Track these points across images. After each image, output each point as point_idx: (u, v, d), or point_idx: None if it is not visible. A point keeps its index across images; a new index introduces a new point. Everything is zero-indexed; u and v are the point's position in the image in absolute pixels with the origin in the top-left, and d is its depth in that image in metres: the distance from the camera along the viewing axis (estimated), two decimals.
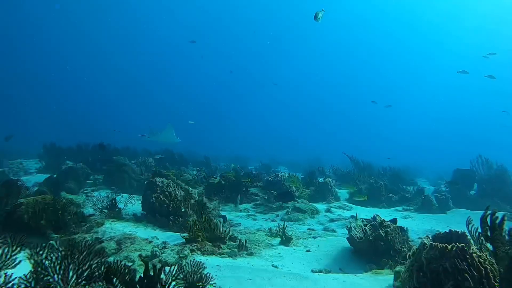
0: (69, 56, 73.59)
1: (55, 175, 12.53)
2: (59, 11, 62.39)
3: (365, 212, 10.51)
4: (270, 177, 11.16)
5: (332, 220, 8.90)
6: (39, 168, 17.02)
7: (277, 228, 6.96)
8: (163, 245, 5.74)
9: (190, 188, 8.39)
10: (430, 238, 3.94)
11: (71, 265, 3.32)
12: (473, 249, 3.25)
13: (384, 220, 6.39)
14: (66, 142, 21.66)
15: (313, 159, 30.87)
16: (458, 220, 9.48)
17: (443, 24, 70.21)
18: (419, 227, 8.89)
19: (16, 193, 7.59)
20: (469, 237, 4.02)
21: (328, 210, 9.95)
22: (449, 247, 3.29)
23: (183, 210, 7.29)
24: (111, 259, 5.23)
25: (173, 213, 7.31)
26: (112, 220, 7.33)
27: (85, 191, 12.07)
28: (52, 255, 3.32)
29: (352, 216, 9.32)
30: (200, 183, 12.36)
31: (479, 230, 4.01)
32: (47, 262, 3.26)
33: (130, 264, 4.90)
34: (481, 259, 3.14)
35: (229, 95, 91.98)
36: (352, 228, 6.32)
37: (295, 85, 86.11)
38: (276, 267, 5.34)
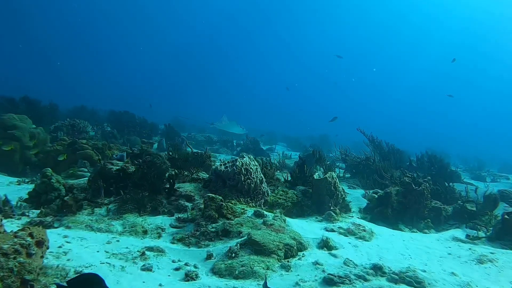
0: None
1: None
2: None
3: (398, 244, 5.35)
4: (221, 166, 5.93)
5: (330, 282, 3.73)
6: None
7: None
8: None
9: None
10: None
11: None
12: None
13: None
14: None
15: (318, 137, 25.43)
16: None
17: None
18: None
19: None
20: None
21: (324, 244, 4.74)
22: None
23: None
24: None
25: None
26: None
27: None
28: None
29: (375, 267, 4.13)
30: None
31: None
32: None
33: None
34: None
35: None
36: None
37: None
38: None
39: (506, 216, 6.04)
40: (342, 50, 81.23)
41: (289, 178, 7.06)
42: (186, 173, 6.45)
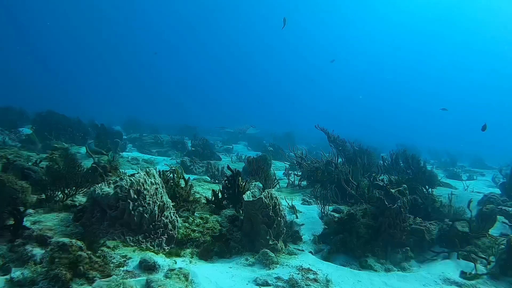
0: None
1: None
2: None
3: None
4: (104, 187, 3.89)
5: None
6: None
7: None
8: None
9: None
10: None
11: None
12: None
13: None
14: None
15: (283, 135, 23.56)
16: None
17: None
18: None
19: None
20: None
21: None
22: None
23: None
24: None
25: None
26: None
27: None
28: None
29: None
30: None
31: None
32: None
33: None
34: None
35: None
36: None
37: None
38: None
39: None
40: (338, 47, 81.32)
41: (213, 198, 5.04)
42: (60, 195, 4.40)
